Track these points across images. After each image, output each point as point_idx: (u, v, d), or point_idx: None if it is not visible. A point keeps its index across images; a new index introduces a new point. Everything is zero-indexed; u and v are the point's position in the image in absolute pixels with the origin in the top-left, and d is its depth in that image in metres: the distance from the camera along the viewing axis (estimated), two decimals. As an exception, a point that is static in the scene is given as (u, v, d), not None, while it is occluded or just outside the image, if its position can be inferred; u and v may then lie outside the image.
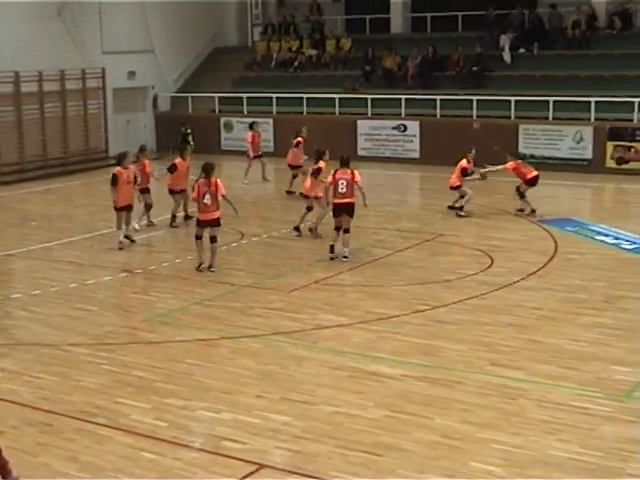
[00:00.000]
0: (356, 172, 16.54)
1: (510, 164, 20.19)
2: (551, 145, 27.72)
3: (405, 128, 29.89)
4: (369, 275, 15.59)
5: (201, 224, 15.94)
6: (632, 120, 26.96)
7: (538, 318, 12.96)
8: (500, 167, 20.36)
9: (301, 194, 19.20)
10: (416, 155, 29.29)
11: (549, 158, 27.34)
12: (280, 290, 14.70)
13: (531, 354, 11.44)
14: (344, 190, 16.35)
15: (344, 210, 16.43)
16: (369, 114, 30.98)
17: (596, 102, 27.43)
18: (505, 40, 31.59)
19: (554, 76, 29.46)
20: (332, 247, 16.57)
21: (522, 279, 14.97)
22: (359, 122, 30.78)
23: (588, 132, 27.25)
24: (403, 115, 30.31)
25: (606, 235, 18.17)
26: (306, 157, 23.09)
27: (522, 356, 11.36)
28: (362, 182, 16.64)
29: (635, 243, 17.38)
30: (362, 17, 36.53)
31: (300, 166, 23.56)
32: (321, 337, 12.32)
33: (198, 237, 15.96)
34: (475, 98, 29.26)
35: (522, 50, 31.63)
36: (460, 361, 11.23)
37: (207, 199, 15.66)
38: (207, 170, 15.86)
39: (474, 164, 20.40)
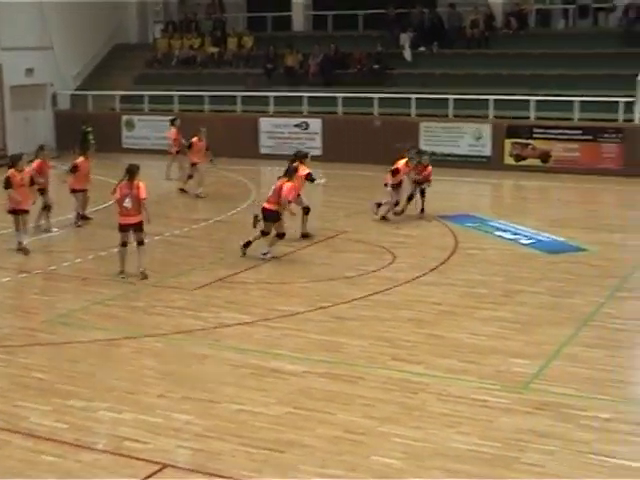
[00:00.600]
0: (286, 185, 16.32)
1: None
2: (451, 142, 28.13)
3: (307, 126, 30.00)
4: (272, 273, 15.62)
5: (122, 228, 15.28)
6: (529, 118, 27.55)
7: (438, 313, 13.15)
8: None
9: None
10: (319, 152, 29.38)
11: (449, 155, 27.75)
12: (183, 289, 14.62)
13: (432, 348, 11.61)
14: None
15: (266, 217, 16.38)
16: (271, 112, 31.01)
17: (494, 100, 27.92)
18: (405, 39, 31.93)
19: (454, 74, 29.89)
20: (249, 243, 16.54)
21: (423, 275, 15.17)
22: (261, 120, 30.78)
23: (487, 130, 27.75)
24: (305, 113, 30.43)
25: (505, 231, 18.53)
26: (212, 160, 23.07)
27: (423, 351, 11.52)
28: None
29: (532, 238, 17.76)
30: (264, 15, 36.50)
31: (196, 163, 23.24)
32: (224, 335, 12.30)
33: (124, 244, 15.33)
34: (376, 96, 29.53)
35: (422, 49, 32.02)
36: (362, 357, 11.33)
37: (128, 202, 15.00)
38: (131, 172, 15.15)
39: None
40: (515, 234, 18.21)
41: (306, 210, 18.07)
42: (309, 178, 17.78)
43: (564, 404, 9.71)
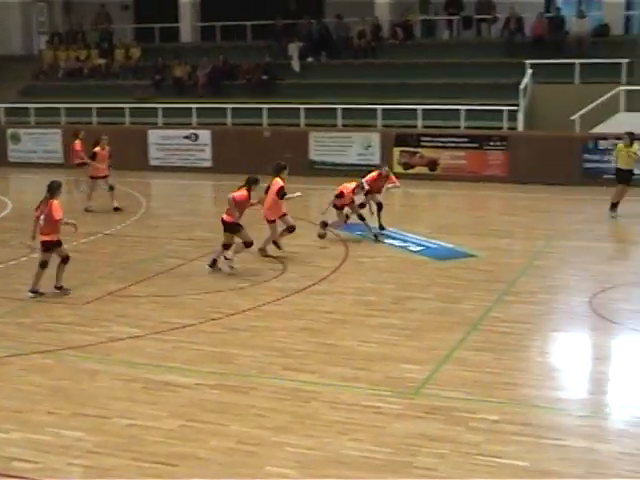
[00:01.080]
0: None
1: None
2: (340, 152, 28.38)
3: (197, 137, 29.89)
4: (163, 285, 15.50)
5: (41, 246, 14.90)
6: (416, 127, 27.97)
7: (330, 321, 13.23)
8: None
9: (268, 221, 17.36)
10: (208, 164, 29.32)
11: (339, 164, 27.99)
12: (72, 304, 14.40)
13: (323, 357, 11.67)
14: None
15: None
16: (160, 123, 30.82)
17: (383, 109, 28.29)
18: (293, 49, 32.15)
19: (342, 84, 30.22)
20: (215, 261, 16.33)
21: (314, 284, 15.26)
22: (150, 132, 30.55)
23: (376, 138, 28.08)
24: (194, 124, 30.33)
25: (394, 238, 18.76)
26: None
27: (315, 359, 11.58)
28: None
29: (422, 245, 18.02)
30: (151, 26, 36.31)
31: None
32: (115, 349, 12.15)
33: (43, 265, 14.83)
34: (265, 106, 29.64)
35: (310, 59, 32.27)
36: (254, 367, 11.33)
37: (42, 220, 14.63)
38: (50, 189, 14.67)
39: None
40: (404, 241, 18.46)
41: (290, 229, 17.39)
42: (280, 193, 16.96)
43: (454, 407, 9.88)
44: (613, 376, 11.21)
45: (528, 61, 28.48)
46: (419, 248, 17.85)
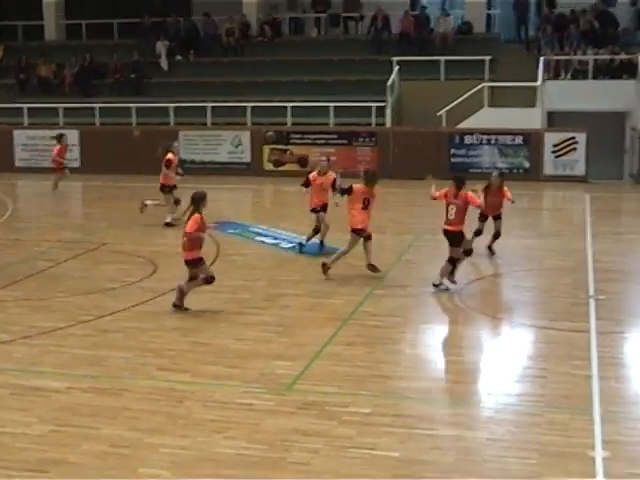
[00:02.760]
0: None
1: None
2: (211, 150, 28.29)
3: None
4: (31, 289, 15.18)
5: None
6: (286, 124, 28.09)
7: (203, 320, 13.20)
8: None
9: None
10: (76, 164, 28.81)
11: (209, 163, 27.91)
12: (-64, 311, 13.98)
13: (196, 356, 11.64)
14: None
15: None
16: (25, 124, 30.15)
17: (252, 107, 28.31)
18: (161, 47, 31.90)
19: (211, 82, 30.12)
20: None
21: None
22: (15, 132, 29.86)
23: (246, 136, 28.08)
24: (61, 124, 29.75)
25: (266, 236, 18.83)
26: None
27: (187, 359, 11.54)
28: None
29: (293, 242, 18.12)
30: (14, 24, 35.45)
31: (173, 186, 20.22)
32: (-19, 356, 11.87)
33: None
34: (134, 105, 29.29)
35: (179, 57, 32.05)
36: (126, 369, 11.22)
37: None
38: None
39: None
40: (276, 239, 18.54)
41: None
42: None
43: (327, 402, 9.98)
44: (480, 365, 11.51)
45: (395, 58, 28.95)
46: (290, 245, 17.95)
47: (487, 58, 28.58)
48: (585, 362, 11.15)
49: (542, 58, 28.43)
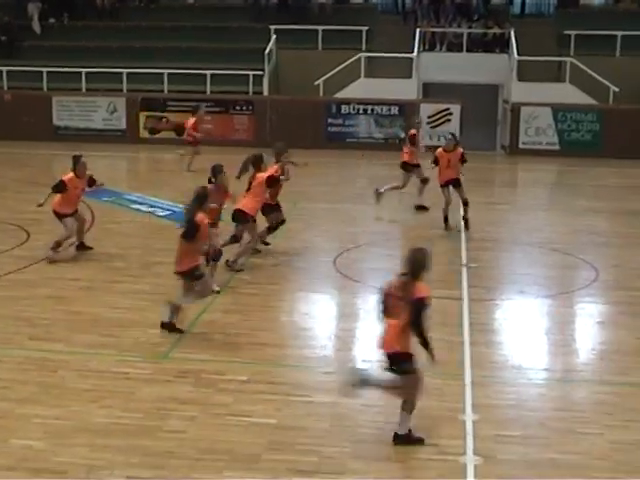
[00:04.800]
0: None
1: None
2: (86, 116, 27.76)
3: None
4: None
5: None
6: (163, 91, 27.77)
7: (78, 289, 13.02)
8: None
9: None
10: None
11: (84, 129, 27.40)
12: None
13: (71, 325, 11.48)
14: None
15: None
16: None
17: (128, 73, 27.86)
18: (33, 9, 31.07)
19: (86, 47, 29.44)
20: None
21: (62, 251, 14.83)
22: None
23: (121, 103, 27.65)
24: None
25: (141, 204, 18.63)
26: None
27: (62, 328, 11.37)
28: None
29: (169, 210, 17.98)
30: None
31: None
32: None
33: None
34: (5, 69, 28.49)
35: (52, 20, 31.25)
36: (-2, 338, 11.01)
37: None
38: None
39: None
40: (152, 206, 18.36)
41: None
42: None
43: (203, 370, 9.99)
44: (356, 333, 11.67)
45: (273, 26, 28.85)
46: (166, 213, 17.82)
47: (364, 28, 28.75)
48: (458, 328, 11.44)
49: (418, 30, 28.78)
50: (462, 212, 16.97)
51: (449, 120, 26.66)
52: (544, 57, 27.71)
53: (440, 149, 17.15)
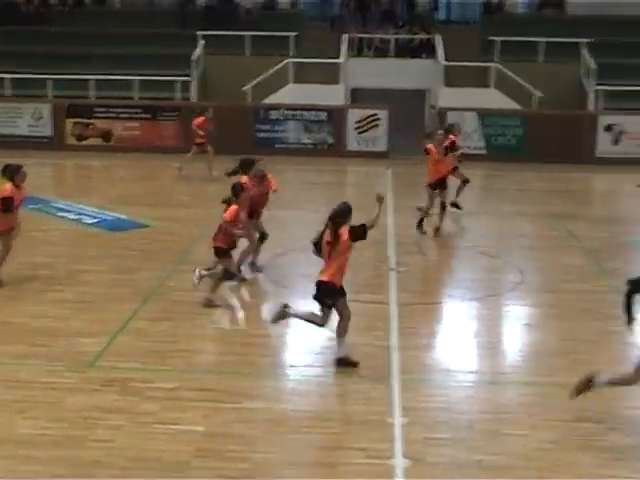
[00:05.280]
0: None
1: None
2: (11, 123, 27.36)
3: None
4: None
5: None
6: (89, 97, 27.49)
7: (3, 299, 12.80)
8: None
9: None
10: None
11: (9, 136, 26.98)
12: None
13: (-3, 335, 11.32)
14: None
15: None
16: None
17: (54, 80, 27.54)
18: (-44, 14, 30.50)
19: (10, 52, 28.99)
20: None
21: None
22: None
23: (47, 109, 27.30)
24: None
25: (68, 211, 18.40)
26: None
27: (-13, 338, 11.20)
28: None
29: (97, 217, 17.82)
30: None
31: None
32: None
33: None
34: None
35: (-26, 26, 30.73)
36: None
37: None
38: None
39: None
40: (79, 214, 18.15)
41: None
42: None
43: (131, 378, 9.90)
44: (284, 339, 11.65)
45: (200, 32, 28.76)
46: (94, 220, 17.64)
47: (292, 34, 28.81)
48: (386, 333, 11.50)
49: (345, 36, 28.92)
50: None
51: (377, 126, 26.83)
52: (470, 63, 28.01)
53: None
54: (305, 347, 11.13)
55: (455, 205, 18.77)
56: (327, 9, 32.72)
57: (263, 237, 14.54)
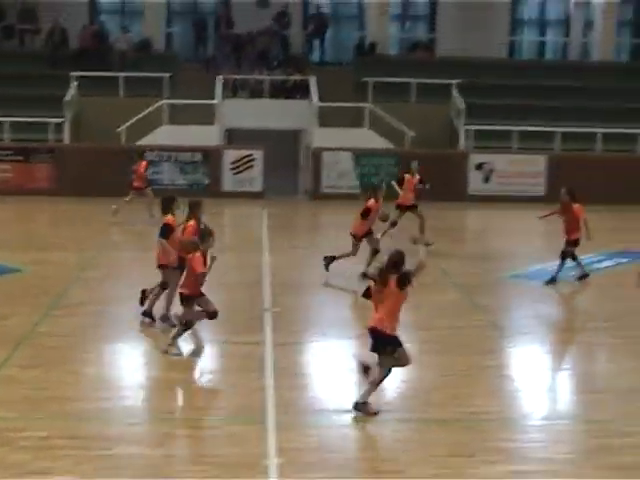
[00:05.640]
0: None
1: None
2: None
3: None
4: None
5: None
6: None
7: None
8: None
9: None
10: None
11: None
12: None
13: None
14: None
15: None
16: None
17: None
18: None
19: None
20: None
21: None
22: None
23: None
24: None
25: None
26: None
27: None
28: None
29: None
30: None
31: None
32: None
33: None
34: None
35: None
36: None
37: None
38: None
39: None
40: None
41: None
42: None
43: (1, 428, 9.64)
44: (159, 382, 11.50)
45: (73, 73, 28.45)
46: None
47: (166, 75, 28.77)
48: (260, 373, 11.49)
49: (220, 77, 29.03)
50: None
51: (252, 166, 26.96)
52: (344, 103, 28.42)
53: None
54: (180, 392, 11.05)
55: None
56: (201, 51, 32.75)
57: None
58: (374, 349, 10.26)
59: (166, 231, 13.44)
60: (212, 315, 12.38)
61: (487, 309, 15.17)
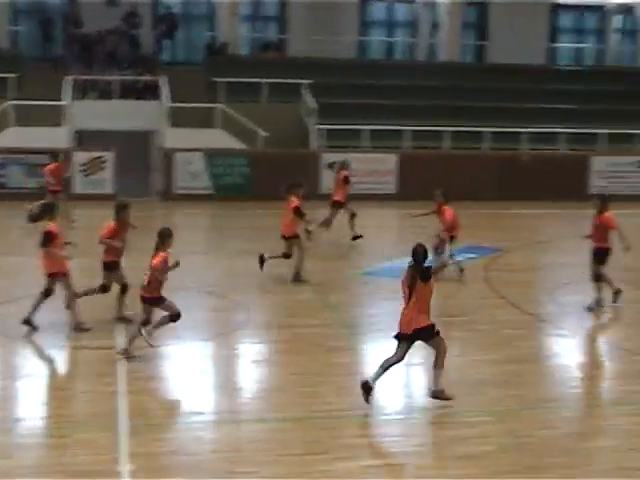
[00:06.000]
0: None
1: None
2: None
3: None
4: None
5: None
6: None
7: None
8: None
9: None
10: None
11: None
12: None
13: None
14: None
15: None
16: None
17: None
18: None
19: None
20: None
21: None
22: None
23: None
24: None
25: None
26: None
27: None
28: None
29: None
30: None
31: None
32: None
33: None
34: None
35: None
36: None
37: None
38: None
39: None
40: None
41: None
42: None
43: None
44: (8, 392, 11.24)
45: None
46: None
47: (12, 76, 28.05)
48: (113, 378, 11.37)
49: (68, 77, 28.48)
50: None
51: (103, 168, 26.57)
52: (195, 104, 28.30)
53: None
54: (29, 399, 10.82)
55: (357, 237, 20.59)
56: (49, 50, 32.05)
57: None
58: (426, 340, 10.75)
59: (50, 238, 13.16)
60: (175, 317, 12.39)
61: (337, 307, 15.39)
